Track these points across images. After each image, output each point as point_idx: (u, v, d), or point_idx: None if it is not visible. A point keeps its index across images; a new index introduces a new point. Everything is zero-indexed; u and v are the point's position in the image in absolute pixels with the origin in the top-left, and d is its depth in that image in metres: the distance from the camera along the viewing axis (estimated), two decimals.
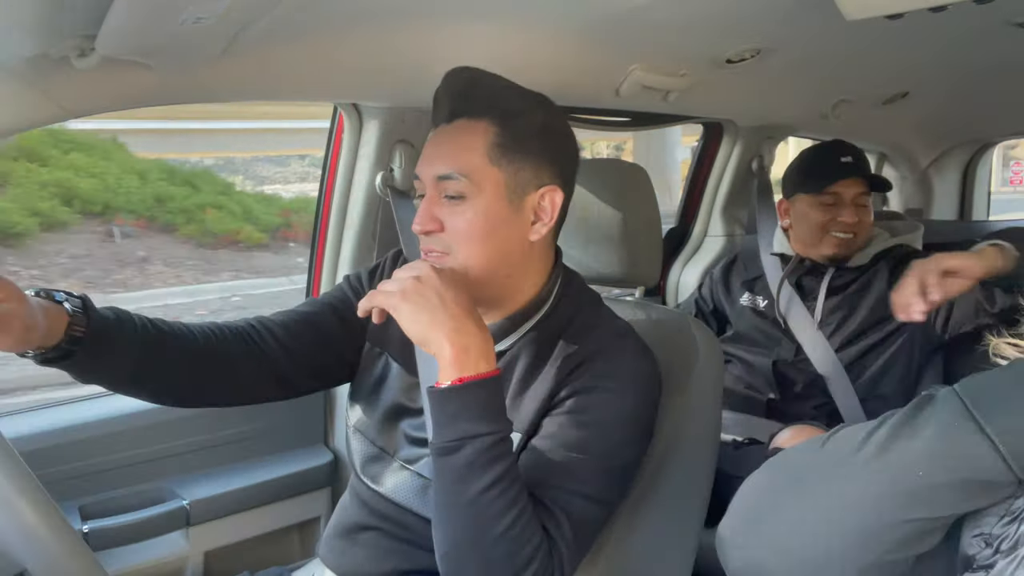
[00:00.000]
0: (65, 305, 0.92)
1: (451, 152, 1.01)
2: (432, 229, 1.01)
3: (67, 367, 0.94)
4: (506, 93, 1.04)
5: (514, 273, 1.05)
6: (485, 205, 1.00)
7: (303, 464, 1.62)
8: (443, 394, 0.91)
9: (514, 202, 1.01)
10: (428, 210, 1.02)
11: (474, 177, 0.99)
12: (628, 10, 1.28)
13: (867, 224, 1.87)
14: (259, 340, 1.10)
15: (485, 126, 1.01)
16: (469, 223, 1.00)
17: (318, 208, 1.66)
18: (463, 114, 1.03)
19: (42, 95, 1.00)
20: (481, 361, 0.92)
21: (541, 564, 0.90)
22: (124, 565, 1.35)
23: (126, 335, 0.98)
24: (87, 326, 0.93)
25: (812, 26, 1.44)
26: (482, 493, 0.88)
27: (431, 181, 1.02)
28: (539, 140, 1.03)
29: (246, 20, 1.01)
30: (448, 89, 1.05)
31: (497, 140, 1.00)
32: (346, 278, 1.23)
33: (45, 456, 1.31)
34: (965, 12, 1.20)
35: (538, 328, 1.07)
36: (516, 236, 1.03)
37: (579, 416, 0.98)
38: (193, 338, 1.05)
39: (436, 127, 1.07)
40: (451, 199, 1.00)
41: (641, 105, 1.82)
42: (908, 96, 2.22)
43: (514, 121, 1.01)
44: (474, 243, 1.00)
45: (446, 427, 0.91)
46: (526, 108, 1.04)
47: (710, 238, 2.51)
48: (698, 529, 1.18)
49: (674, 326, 1.20)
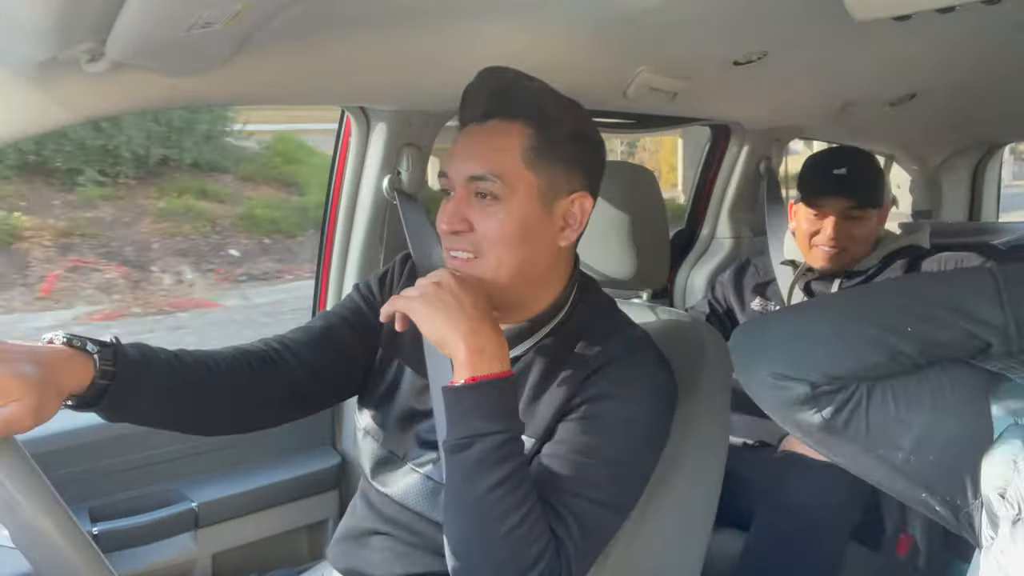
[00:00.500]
0: (94, 357, 0.91)
1: (485, 152, 1.00)
2: (461, 229, 1.00)
3: (95, 412, 0.95)
4: (543, 97, 1.03)
5: (539, 279, 1.05)
6: (518, 208, 0.99)
7: (311, 466, 1.63)
8: (456, 392, 0.92)
9: (546, 207, 1.01)
10: (458, 210, 1.00)
11: (508, 179, 0.98)
12: (636, 12, 1.28)
13: (859, 237, 1.81)
14: (280, 361, 1.10)
15: (520, 128, 1.00)
16: (501, 225, 0.99)
17: (325, 212, 1.66)
18: (498, 115, 1.02)
19: (51, 99, 1.01)
20: (495, 362, 0.93)
21: (548, 565, 0.90)
22: (133, 567, 1.36)
23: (152, 376, 0.98)
24: (114, 375, 0.92)
25: (819, 28, 1.44)
26: (490, 491, 0.89)
27: (462, 180, 1.01)
28: (572, 146, 1.03)
29: (255, 25, 1.01)
30: (484, 88, 1.04)
31: (532, 143, 1.00)
32: (355, 287, 1.23)
33: (55, 458, 1.31)
34: (973, 13, 1.19)
35: (554, 334, 1.07)
36: (546, 241, 1.03)
37: (593, 422, 0.98)
38: (217, 367, 1.05)
39: (465, 125, 1.06)
40: (483, 199, 0.99)
41: (648, 107, 1.82)
42: (916, 98, 2.21)
43: (549, 126, 1.01)
44: (505, 246, 0.99)
45: (458, 424, 0.92)
46: (561, 113, 1.03)
47: (718, 240, 2.50)
48: (707, 531, 1.17)
49: (683, 329, 1.20)
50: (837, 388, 0.81)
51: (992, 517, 0.77)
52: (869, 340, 0.80)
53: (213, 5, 0.85)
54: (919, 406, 0.81)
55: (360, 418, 1.19)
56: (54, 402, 0.86)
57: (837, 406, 0.82)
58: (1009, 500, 0.75)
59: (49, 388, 0.84)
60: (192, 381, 1.02)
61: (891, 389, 0.82)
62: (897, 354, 0.80)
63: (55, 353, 0.89)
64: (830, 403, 0.82)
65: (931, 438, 0.80)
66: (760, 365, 0.86)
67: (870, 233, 1.83)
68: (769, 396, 0.86)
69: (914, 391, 0.81)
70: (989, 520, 0.78)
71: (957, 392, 0.81)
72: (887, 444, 0.81)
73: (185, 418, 1.06)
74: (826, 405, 0.82)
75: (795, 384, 0.82)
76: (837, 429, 0.82)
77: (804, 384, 0.82)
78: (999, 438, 0.78)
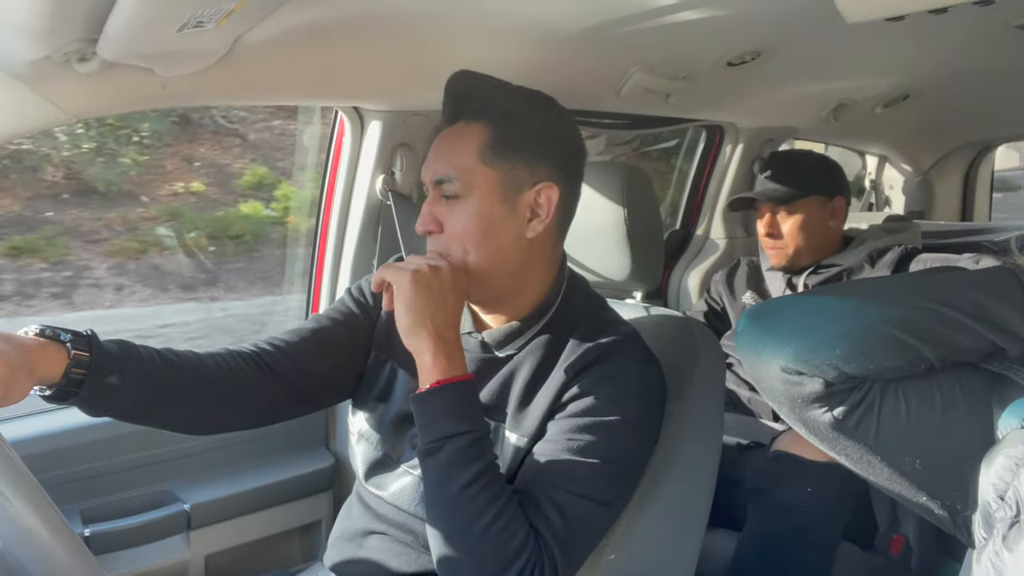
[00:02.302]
0: (67, 345, 0.91)
1: (446, 155, 1.05)
2: (432, 230, 1.05)
3: (72, 405, 0.94)
4: (502, 95, 1.07)
5: (516, 271, 1.06)
6: (478, 204, 1.02)
7: (304, 467, 1.62)
8: (423, 398, 0.96)
9: (508, 200, 1.03)
10: (429, 211, 1.05)
11: (466, 177, 1.02)
12: (628, 13, 1.28)
13: (792, 231, 1.91)
14: (271, 361, 1.10)
15: (480, 128, 1.04)
16: (464, 222, 1.02)
17: (318, 212, 1.66)
18: (462, 117, 1.06)
19: (44, 98, 1.00)
20: (457, 366, 0.97)
21: (530, 559, 0.91)
22: (125, 569, 1.35)
23: (132, 369, 0.97)
24: (88, 365, 0.92)
25: (812, 28, 1.44)
26: (463, 489, 0.92)
27: (430, 183, 1.06)
28: (535, 139, 1.05)
29: (247, 24, 1.01)
30: (449, 93, 1.09)
31: (490, 141, 1.03)
32: (347, 291, 1.23)
33: (46, 459, 1.31)
34: (966, 14, 1.20)
35: (544, 332, 1.08)
36: (512, 233, 1.04)
37: (582, 420, 0.99)
38: (203, 367, 1.05)
39: (439, 131, 1.09)
40: (448, 199, 1.03)
41: (642, 107, 1.82)
42: (909, 99, 2.22)
43: (508, 122, 1.04)
44: (471, 241, 1.02)
45: (427, 429, 0.96)
46: (521, 109, 1.06)
47: (712, 241, 2.51)
48: (701, 531, 1.17)
49: (676, 328, 1.20)
50: (851, 387, 0.79)
51: (987, 518, 0.77)
52: (892, 342, 0.78)
53: (205, 5, 0.85)
54: (931, 412, 0.79)
55: (354, 422, 1.20)
56: (25, 382, 0.85)
57: (850, 406, 0.79)
58: (1008, 502, 0.74)
59: (20, 368, 0.84)
60: (177, 377, 1.02)
61: (903, 392, 0.80)
62: (918, 359, 0.78)
63: (28, 339, 0.89)
64: (842, 402, 0.79)
65: (941, 444, 0.79)
66: (771, 357, 0.82)
67: (810, 226, 1.91)
68: (779, 389, 0.83)
69: (927, 395, 0.80)
70: (983, 521, 0.77)
71: (967, 397, 0.80)
72: (897, 449, 0.80)
73: (170, 415, 1.06)
74: (838, 404, 0.80)
75: (808, 380, 0.80)
76: (847, 429, 0.80)
77: (817, 381, 0.79)
78: (1002, 440, 0.78)
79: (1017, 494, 0.73)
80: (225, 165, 4.19)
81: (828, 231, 1.94)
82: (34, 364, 0.87)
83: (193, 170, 4.12)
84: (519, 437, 1.03)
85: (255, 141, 4.34)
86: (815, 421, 0.82)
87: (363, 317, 1.18)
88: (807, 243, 1.91)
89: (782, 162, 2.00)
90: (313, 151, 3.17)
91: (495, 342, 1.09)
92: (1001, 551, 0.73)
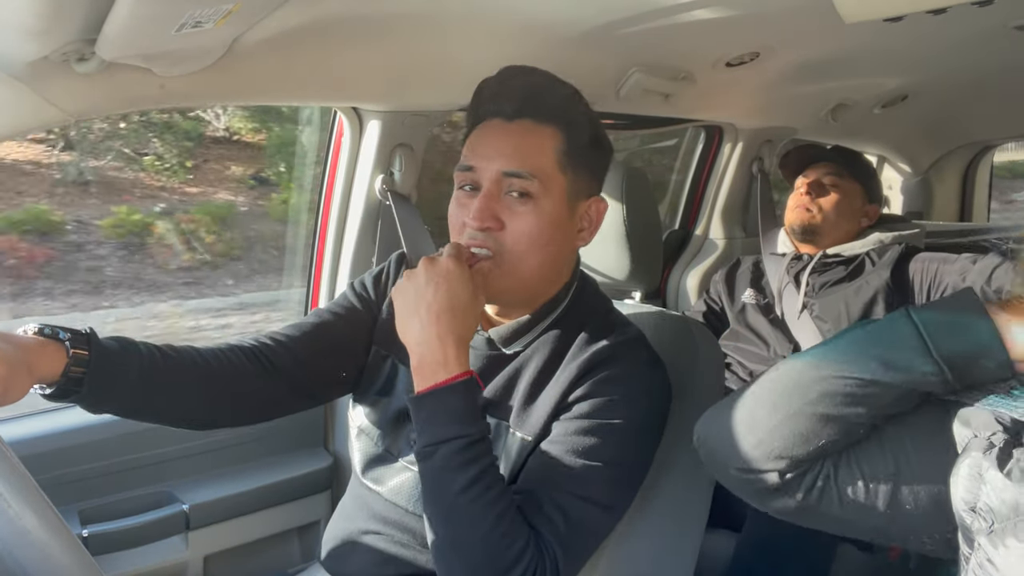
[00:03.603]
0: (66, 344, 0.91)
1: (521, 151, 1.01)
2: (491, 227, 1.00)
3: (73, 403, 0.94)
4: (573, 102, 1.05)
5: (551, 278, 1.07)
6: (551, 208, 1.00)
7: (303, 468, 1.62)
8: (417, 400, 0.94)
9: (570, 208, 1.03)
10: (489, 206, 1.00)
11: (544, 179, 1.00)
12: (628, 14, 1.28)
13: (828, 207, 1.97)
14: (272, 356, 1.10)
15: (552, 131, 1.02)
16: (532, 224, 1.00)
17: (317, 212, 1.66)
18: (529, 115, 1.02)
19: (42, 98, 1.00)
20: (454, 365, 0.94)
21: (530, 564, 0.90)
22: (124, 569, 1.35)
23: (132, 365, 0.97)
24: (88, 363, 0.92)
25: (811, 29, 1.45)
26: (459, 495, 0.90)
27: (493, 176, 1.01)
28: (592, 152, 1.05)
29: (245, 24, 1.01)
30: (512, 86, 1.04)
31: (564, 147, 1.02)
32: (350, 285, 1.23)
33: (45, 460, 1.30)
34: (965, 15, 1.20)
35: (551, 330, 1.07)
36: (568, 242, 1.05)
37: (586, 422, 0.99)
38: (204, 362, 1.05)
39: (483, 120, 1.05)
40: (515, 197, 1.00)
41: (642, 108, 1.82)
42: (908, 99, 2.22)
43: (576, 130, 1.03)
44: (532, 246, 1.00)
45: (423, 432, 0.94)
46: (585, 120, 1.05)
47: (711, 241, 2.51)
48: (700, 532, 1.17)
49: (674, 328, 1.20)
50: (805, 470, 0.82)
51: (966, 532, 0.77)
52: (820, 420, 0.80)
53: (204, 5, 0.85)
54: (885, 468, 0.82)
55: (354, 416, 1.19)
56: (24, 381, 0.85)
57: (806, 488, 0.83)
58: (980, 512, 0.75)
59: (19, 367, 0.84)
60: (177, 373, 1.02)
61: (855, 459, 0.83)
62: (851, 426, 0.80)
63: (27, 338, 0.89)
64: (799, 487, 0.83)
65: (904, 492, 0.81)
66: (725, 460, 0.86)
67: (847, 210, 1.96)
68: (742, 489, 0.87)
69: (877, 455, 0.82)
70: (963, 536, 0.78)
71: (917, 440, 0.82)
72: (864, 509, 0.82)
73: (171, 411, 1.05)
74: (796, 490, 0.83)
75: (763, 475, 0.83)
76: (812, 507, 0.83)
77: (772, 474, 0.83)
78: (961, 454, 0.79)
79: (988, 501, 0.74)
80: None
81: (855, 226, 2.00)
82: (33, 363, 0.87)
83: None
84: (523, 436, 1.03)
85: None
86: (782, 508, 0.86)
87: (364, 312, 1.18)
88: (835, 222, 1.97)
89: (845, 149, 2.13)
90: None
91: (502, 339, 1.08)
92: (993, 556, 0.73)
